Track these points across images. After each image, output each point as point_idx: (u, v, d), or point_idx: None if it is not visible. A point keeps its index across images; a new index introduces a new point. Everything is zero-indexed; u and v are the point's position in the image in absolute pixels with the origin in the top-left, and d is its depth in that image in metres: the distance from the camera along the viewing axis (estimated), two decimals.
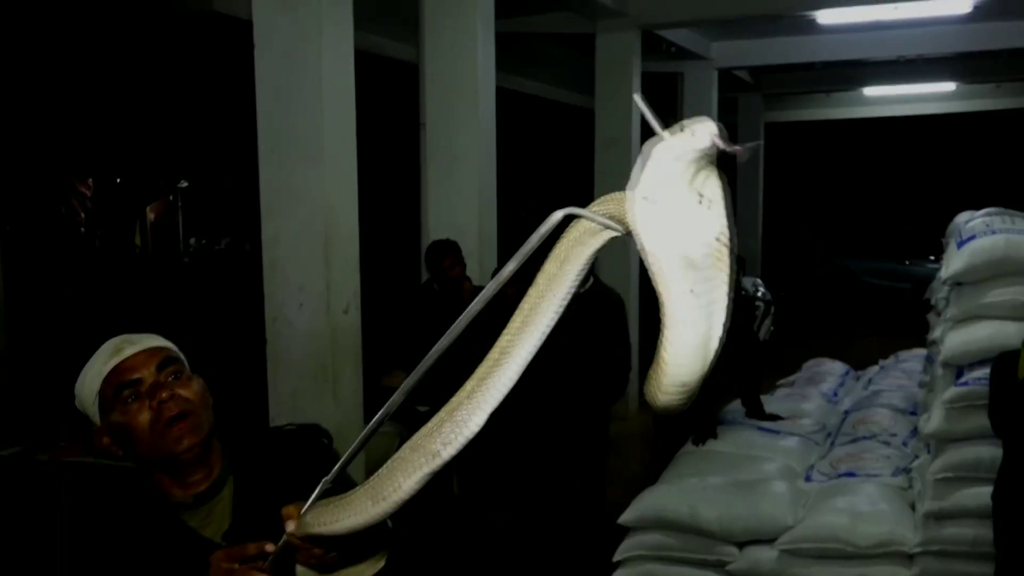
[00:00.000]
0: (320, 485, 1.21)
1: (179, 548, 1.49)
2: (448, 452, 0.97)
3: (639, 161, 0.80)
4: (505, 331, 0.97)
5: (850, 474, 3.83)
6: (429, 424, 1.00)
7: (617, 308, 4.63)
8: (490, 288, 0.95)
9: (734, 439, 4.30)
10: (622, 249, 7.40)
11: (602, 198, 0.90)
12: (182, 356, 1.59)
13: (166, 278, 11.19)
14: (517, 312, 0.96)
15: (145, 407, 1.49)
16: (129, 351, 1.53)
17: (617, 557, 3.66)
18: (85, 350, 1.58)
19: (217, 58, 7.30)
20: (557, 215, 0.91)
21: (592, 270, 4.70)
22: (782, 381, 5.92)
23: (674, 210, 0.80)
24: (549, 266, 0.96)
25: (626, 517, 3.66)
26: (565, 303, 0.95)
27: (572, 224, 0.94)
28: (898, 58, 9.01)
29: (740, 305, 4.75)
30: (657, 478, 4.07)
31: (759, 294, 9.10)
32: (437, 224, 5.03)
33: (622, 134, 7.49)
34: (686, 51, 8.64)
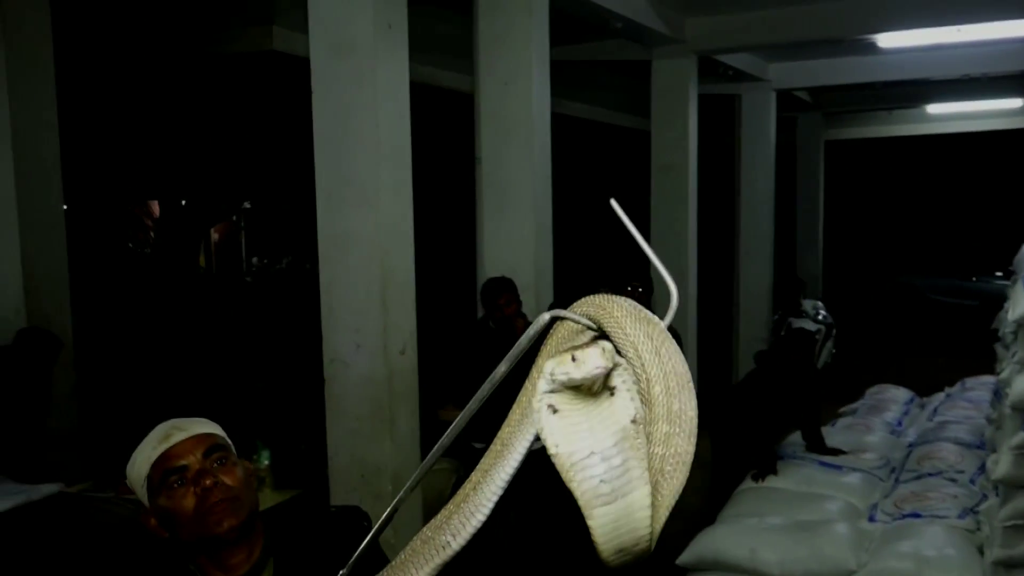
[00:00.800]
0: None
1: None
2: (457, 543, 1.02)
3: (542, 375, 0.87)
4: (505, 423, 1.01)
5: (915, 515, 3.75)
6: (439, 516, 1.05)
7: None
8: (485, 388, 1.00)
9: (795, 475, 4.25)
10: (679, 283, 7.35)
11: (583, 299, 0.97)
12: (228, 441, 1.64)
13: (229, 297, 11.41)
14: (516, 404, 1.01)
15: (190, 493, 1.54)
16: (177, 438, 1.58)
17: None
18: (154, 381, 1.64)
19: (278, 89, 7.46)
20: (545, 317, 0.98)
21: (649, 306, 4.69)
22: (844, 409, 5.83)
23: (577, 415, 0.86)
24: (540, 360, 1.00)
25: (684, 558, 3.63)
26: None
27: (556, 325, 1.00)
28: (962, 76, 8.81)
29: (797, 338, 4.69)
30: (716, 512, 4.04)
31: (820, 317, 8.95)
32: (492, 259, 5.05)
33: (679, 160, 7.45)
34: (744, 73, 8.56)
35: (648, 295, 4.63)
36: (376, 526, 1.22)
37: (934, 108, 11.76)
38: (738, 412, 4.45)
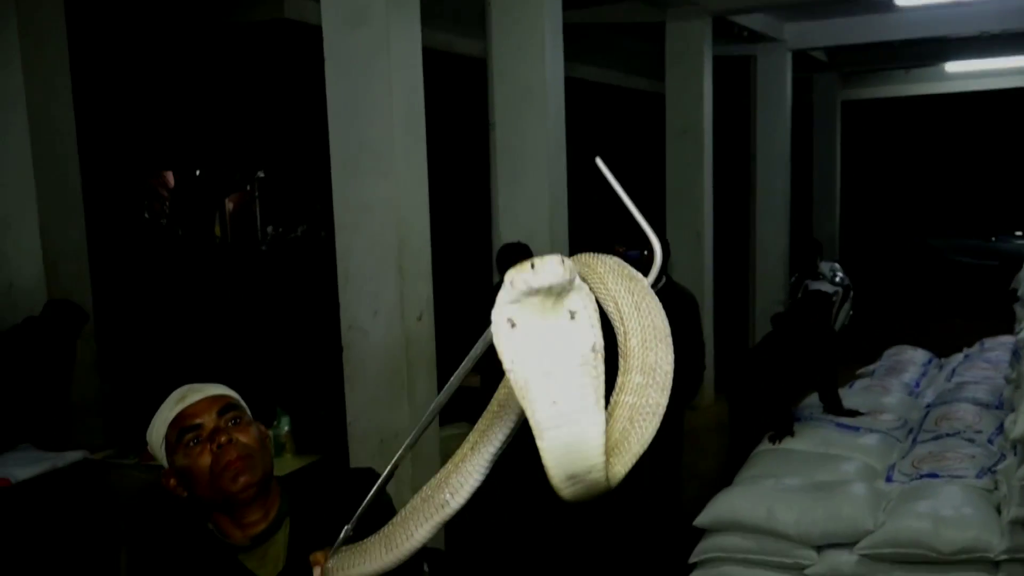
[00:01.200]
0: (342, 532, 1.29)
1: None
2: (456, 501, 1.05)
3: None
4: (502, 384, 1.03)
5: (933, 475, 3.75)
6: (438, 475, 1.08)
7: (690, 306, 4.62)
8: (477, 347, 1.02)
9: (812, 437, 4.25)
10: (695, 247, 7.34)
11: (573, 257, 0.97)
12: (243, 403, 1.68)
13: (245, 267, 11.46)
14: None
15: (206, 451, 1.59)
16: (192, 398, 1.63)
17: (693, 559, 3.65)
18: (172, 351, 1.68)
19: (290, 58, 7.43)
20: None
21: (664, 269, 4.69)
22: (862, 370, 5.82)
23: (535, 333, 0.85)
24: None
25: (702, 519, 3.64)
26: None
27: None
28: (981, 34, 8.68)
29: (814, 301, 4.68)
30: (733, 474, 4.05)
31: (837, 279, 8.90)
32: (508, 224, 5.05)
33: (694, 124, 7.40)
34: (759, 34, 8.47)
35: (665, 258, 4.63)
36: (376, 484, 1.25)
37: (952, 66, 11.61)
38: (755, 375, 4.46)
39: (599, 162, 1.00)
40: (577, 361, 0.86)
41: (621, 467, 0.92)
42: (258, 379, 5.87)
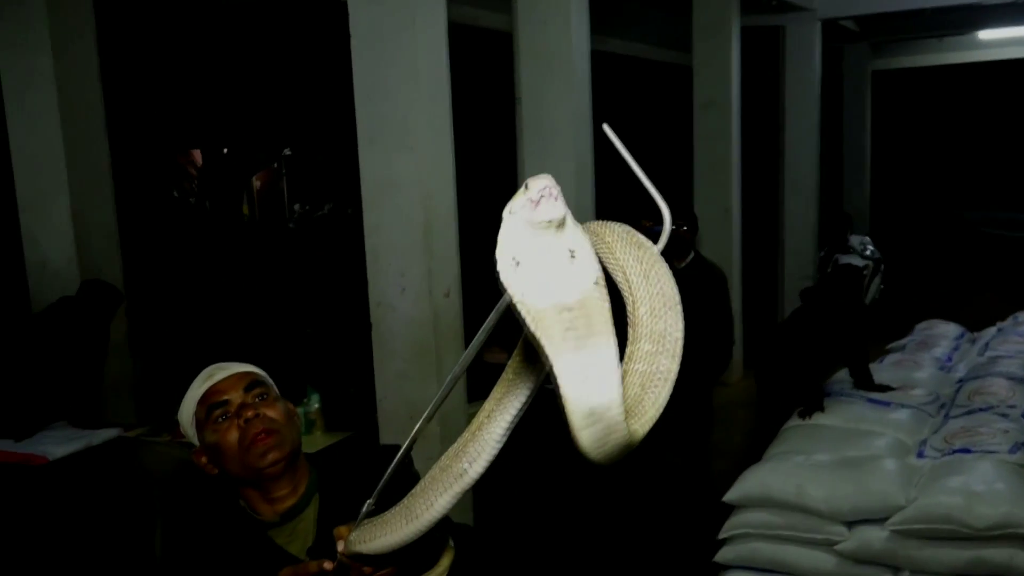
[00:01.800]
0: (364, 506, 1.29)
1: (264, 563, 1.58)
2: (475, 470, 1.04)
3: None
4: (515, 351, 1.03)
5: (965, 450, 3.72)
6: (456, 444, 1.07)
7: (719, 282, 4.59)
8: (491, 318, 1.02)
9: (842, 412, 4.22)
10: (723, 222, 7.28)
11: (584, 225, 0.96)
12: (269, 380, 1.69)
13: (273, 244, 11.51)
14: (521, 338, 1.02)
15: (234, 426, 1.61)
16: (220, 376, 1.66)
17: (722, 535, 3.65)
18: (203, 330, 1.71)
19: (316, 34, 7.42)
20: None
21: (692, 244, 4.66)
22: (892, 345, 5.77)
23: (540, 269, 0.86)
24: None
25: (731, 495, 3.64)
26: None
27: None
28: None
29: (845, 275, 4.63)
30: (762, 450, 4.04)
31: (867, 252, 8.81)
32: None
33: (721, 96, 7.32)
34: (788, 3, 8.35)
35: (693, 233, 4.60)
36: (395, 459, 1.25)
37: (986, 34, 11.39)
38: (784, 350, 4.43)
39: (607, 128, 0.99)
40: (584, 293, 0.86)
41: (639, 427, 0.91)
42: (288, 357, 5.90)
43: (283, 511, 1.65)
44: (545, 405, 1.04)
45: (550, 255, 0.86)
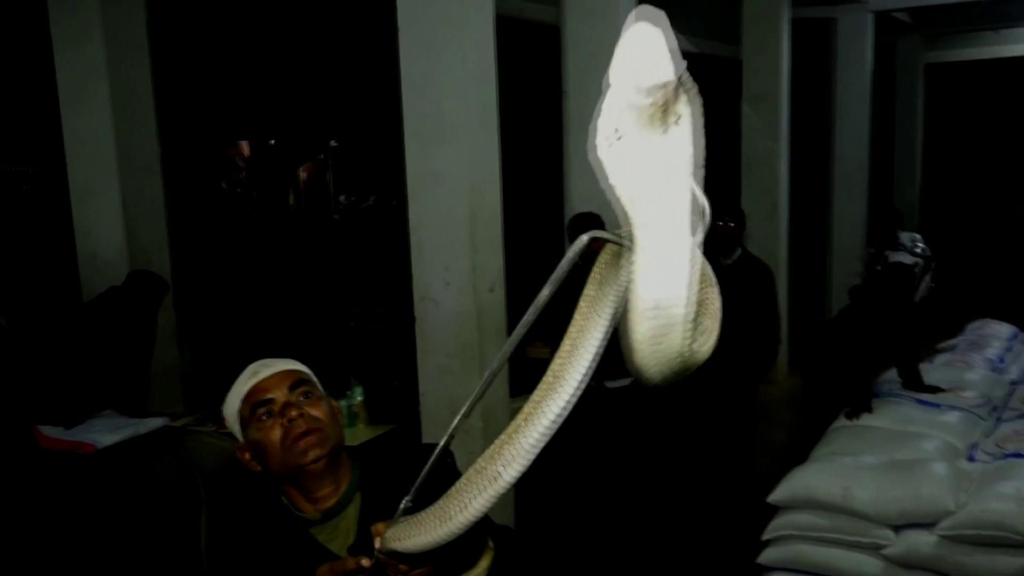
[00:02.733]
0: (402, 503, 1.29)
1: (305, 561, 1.58)
2: (509, 474, 1.02)
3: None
4: (556, 355, 1.00)
5: (1018, 455, 3.64)
6: (493, 446, 1.05)
7: (765, 278, 4.53)
8: (530, 314, 1.00)
9: (890, 413, 4.15)
10: (771, 217, 7.20)
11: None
12: (314, 378, 1.69)
13: (319, 235, 11.60)
14: (566, 337, 1.00)
15: (277, 424, 1.61)
16: (264, 373, 1.66)
17: (767, 536, 3.60)
18: (249, 320, 1.70)
19: (364, 26, 7.45)
20: (583, 239, 0.97)
21: (739, 240, 4.60)
22: (943, 344, 5.66)
23: (642, 147, 0.79)
24: (589, 289, 0.99)
25: (776, 496, 3.59)
26: (612, 323, 0.97)
27: (602, 251, 0.99)
28: None
29: (895, 273, 4.55)
30: (807, 450, 3.99)
31: (918, 249, 8.64)
32: (579, 194, 5.01)
33: (770, 89, 7.23)
34: None
35: (740, 230, 4.54)
36: (432, 456, 1.24)
37: None
38: (832, 349, 4.36)
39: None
40: (684, 173, 0.81)
41: (698, 346, 0.88)
42: (333, 348, 5.94)
43: (325, 509, 1.65)
44: (589, 406, 1.03)
45: (655, 126, 0.80)
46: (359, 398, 4.07)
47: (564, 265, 0.97)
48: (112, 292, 4.56)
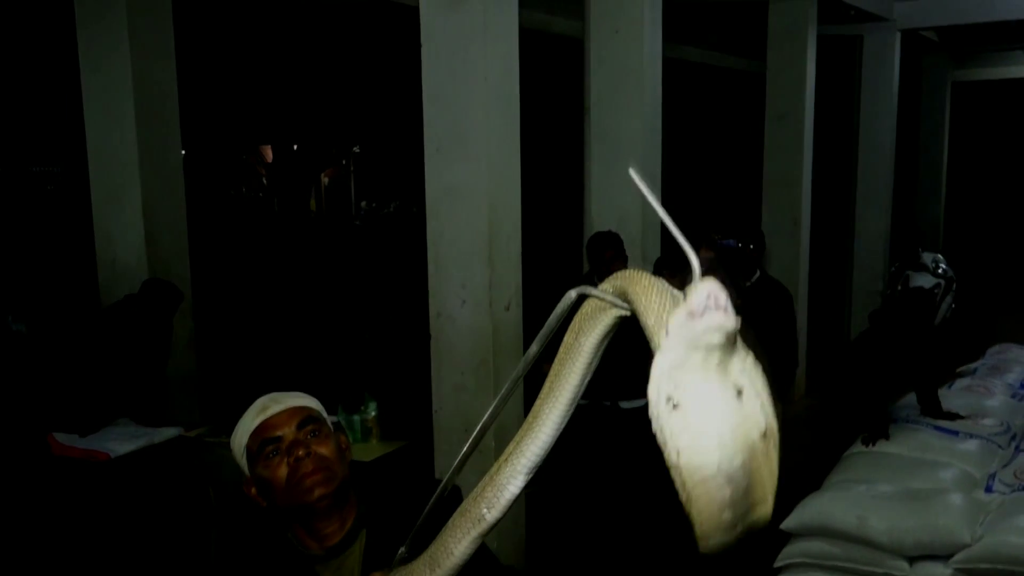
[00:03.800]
0: (397, 555, 1.30)
1: None
2: (493, 515, 1.03)
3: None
4: (538, 397, 1.02)
5: None
6: (475, 490, 1.07)
7: (784, 301, 4.50)
8: (520, 369, 1.03)
9: (907, 440, 4.10)
10: (792, 234, 7.15)
11: (614, 274, 0.93)
12: (324, 414, 1.69)
13: (339, 241, 11.65)
14: (546, 380, 1.01)
15: (284, 463, 1.61)
16: (274, 410, 1.65)
17: (778, 563, 3.57)
18: (267, 330, 1.69)
19: (387, 36, 7.48)
20: (571, 294, 0.97)
21: (758, 263, 4.57)
22: (962, 369, 5.59)
23: (702, 416, 0.70)
24: (567, 337, 1.01)
25: (789, 523, 3.56)
26: (589, 370, 0.99)
27: (586, 301, 0.99)
28: None
29: (915, 299, 4.50)
30: (822, 474, 3.95)
31: (940, 270, 8.56)
32: (599, 211, 4.99)
33: (794, 107, 7.19)
34: (867, 13, 8.15)
35: (759, 252, 4.52)
36: (432, 500, 1.24)
37: None
38: (850, 373, 4.32)
39: (633, 173, 0.94)
40: (748, 453, 0.72)
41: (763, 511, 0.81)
42: (348, 363, 5.95)
43: (330, 546, 1.65)
44: (604, 427, 1.03)
45: (715, 401, 0.71)
46: (373, 413, 4.07)
47: (552, 321, 0.98)
48: (128, 300, 4.58)
